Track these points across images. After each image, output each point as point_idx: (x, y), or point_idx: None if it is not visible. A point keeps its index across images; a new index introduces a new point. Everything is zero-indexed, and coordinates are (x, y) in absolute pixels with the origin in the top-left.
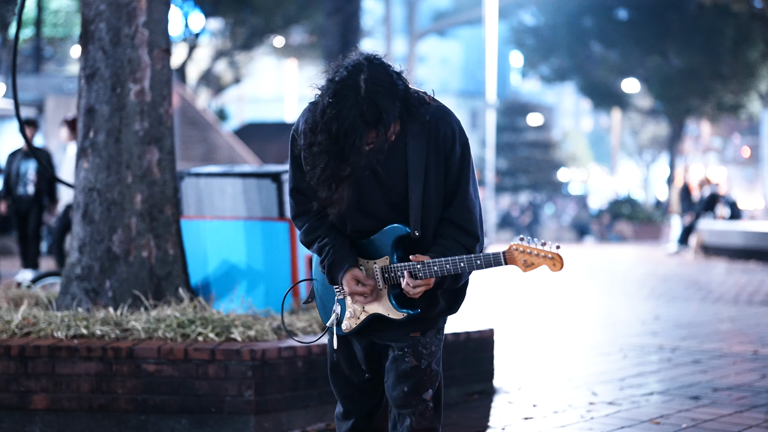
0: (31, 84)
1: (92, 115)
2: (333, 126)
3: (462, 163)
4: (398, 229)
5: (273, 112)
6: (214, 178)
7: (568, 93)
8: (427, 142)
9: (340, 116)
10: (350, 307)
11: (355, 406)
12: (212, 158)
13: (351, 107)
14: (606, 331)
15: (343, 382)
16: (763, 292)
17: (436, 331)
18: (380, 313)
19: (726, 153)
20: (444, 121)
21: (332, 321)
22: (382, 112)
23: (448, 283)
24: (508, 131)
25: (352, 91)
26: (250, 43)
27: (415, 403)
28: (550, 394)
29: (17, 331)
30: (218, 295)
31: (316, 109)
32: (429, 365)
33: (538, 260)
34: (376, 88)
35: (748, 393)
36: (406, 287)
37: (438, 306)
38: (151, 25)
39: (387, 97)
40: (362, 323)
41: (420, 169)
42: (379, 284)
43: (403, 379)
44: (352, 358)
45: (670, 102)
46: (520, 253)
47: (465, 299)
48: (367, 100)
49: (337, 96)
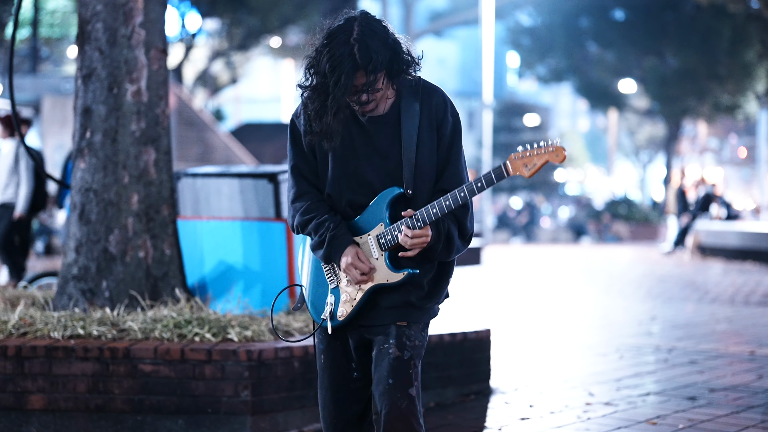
0: (28, 84)
1: (89, 116)
2: (325, 63)
3: (453, 134)
4: (392, 190)
5: (270, 113)
6: (211, 178)
7: (565, 93)
8: (420, 110)
9: (331, 53)
10: (345, 291)
11: (340, 412)
12: (209, 158)
13: (342, 45)
14: (603, 332)
15: (330, 383)
16: (760, 293)
17: (422, 326)
18: (379, 283)
19: (723, 153)
20: (436, 92)
21: (326, 313)
22: (372, 53)
23: (440, 250)
24: (505, 132)
25: (345, 33)
26: (246, 43)
27: (400, 396)
28: (547, 395)
29: (14, 331)
30: (215, 295)
31: (312, 56)
32: (412, 358)
33: (540, 158)
34: (369, 32)
35: (745, 393)
36: (404, 239)
37: (423, 290)
38: (147, 25)
39: (378, 41)
40: (360, 303)
41: (413, 134)
42: (374, 254)
43: (387, 372)
44: (343, 356)
45: (667, 102)
46: (520, 159)
47: (448, 288)
48: (359, 40)
49: (330, 37)
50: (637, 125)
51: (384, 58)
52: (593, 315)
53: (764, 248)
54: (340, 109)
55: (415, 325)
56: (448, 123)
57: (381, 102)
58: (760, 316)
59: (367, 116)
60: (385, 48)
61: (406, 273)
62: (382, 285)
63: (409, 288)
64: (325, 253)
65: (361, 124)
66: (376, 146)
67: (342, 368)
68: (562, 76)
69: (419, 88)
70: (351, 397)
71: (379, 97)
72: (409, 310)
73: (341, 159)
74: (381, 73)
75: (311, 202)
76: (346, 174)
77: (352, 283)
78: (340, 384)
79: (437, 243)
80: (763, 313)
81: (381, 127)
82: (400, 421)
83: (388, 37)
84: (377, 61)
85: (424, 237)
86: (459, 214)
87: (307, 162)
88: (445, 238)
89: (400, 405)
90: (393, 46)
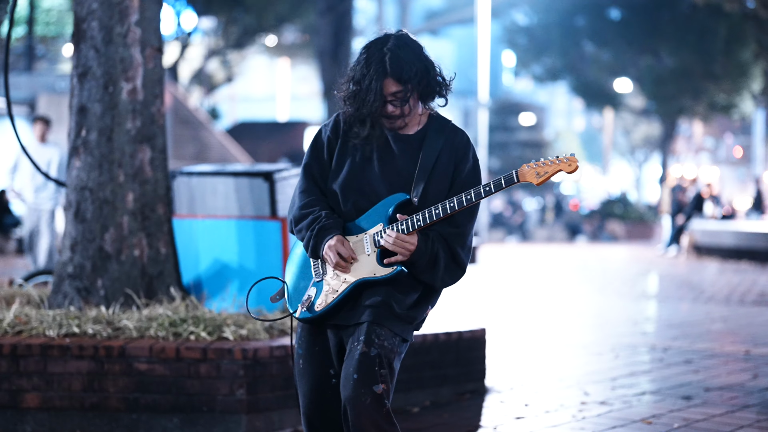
0: (23, 83)
1: (84, 114)
2: (359, 71)
3: (473, 175)
4: (399, 195)
5: (265, 111)
6: (206, 177)
7: (561, 92)
8: (444, 143)
9: (366, 61)
10: (329, 283)
11: (319, 411)
12: (204, 157)
13: (376, 52)
14: (598, 331)
15: (309, 389)
16: (755, 292)
17: (395, 333)
18: (365, 277)
19: (718, 153)
20: (462, 133)
21: (304, 301)
22: (403, 63)
23: (423, 267)
24: (501, 131)
25: (380, 44)
26: (242, 41)
27: (364, 392)
28: (542, 394)
29: (9, 329)
30: (210, 294)
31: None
32: (379, 356)
33: (551, 167)
34: (403, 45)
35: (740, 393)
36: (387, 238)
37: (403, 304)
38: (143, 23)
39: (410, 54)
40: (342, 294)
41: (432, 158)
42: (367, 251)
43: (353, 368)
44: (321, 361)
45: (663, 102)
46: (532, 168)
47: (425, 315)
48: (391, 49)
49: (366, 48)
50: (633, 124)
51: (415, 70)
52: (588, 314)
53: (760, 248)
54: (371, 115)
55: (388, 329)
56: (468, 162)
57: (411, 122)
58: (756, 316)
59: (394, 133)
60: (418, 61)
61: (395, 268)
62: (368, 279)
63: (392, 294)
64: (313, 242)
65: (387, 140)
66: (395, 162)
67: (319, 375)
68: (557, 75)
69: (448, 125)
70: (329, 403)
71: (408, 114)
72: (386, 313)
73: (359, 166)
74: (411, 85)
75: (314, 198)
76: (359, 181)
77: (338, 276)
78: (317, 391)
79: (420, 258)
80: (759, 312)
81: (405, 145)
82: (365, 417)
83: (422, 53)
84: (408, 70)
85: (408, 244)
86: (452, 241)
87: (320, 166)
88: (429, 255)
89: (364, 400)
90: (425, 62)
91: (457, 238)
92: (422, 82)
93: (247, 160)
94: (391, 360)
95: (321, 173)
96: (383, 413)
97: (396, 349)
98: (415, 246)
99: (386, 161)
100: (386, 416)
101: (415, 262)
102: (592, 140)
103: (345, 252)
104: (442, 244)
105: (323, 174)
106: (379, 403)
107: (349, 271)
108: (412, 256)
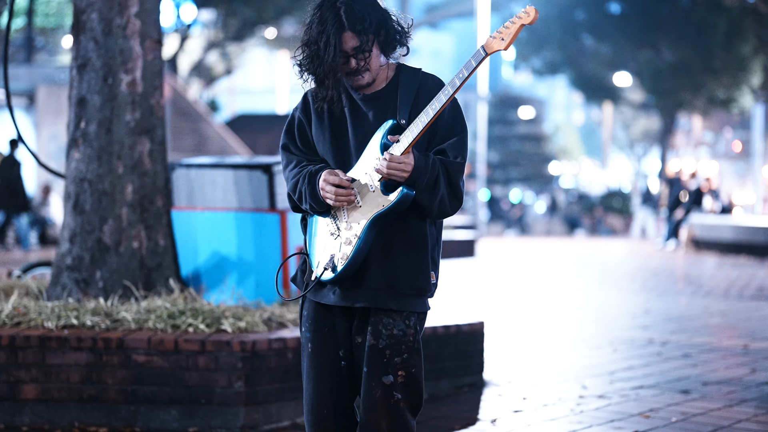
0: (23, 74)
1: (83, 106)
2: (314, 30)
3: (453, 114)
4: (386, 123)
5: (264, 104)
6: (205, 169)
7: (560, 86)
8: (418, 88)
9: (319, 19)
10: (345, 235)
11: (325, 403)
12: (203, 149)
13: (329, 9)
14: (596, 325)
15: (316, 374)
16: (754, 287)
17: (406, 315)
18: (375, 213)
19: (717, 147)
20: (435, 78)
21: (326, 264)
22: (358, 14)
23: (424, 186)
24: (500, 124)
25: (333, 0)
26: (241, 34)
27: (374, 385)
28: (540, 387)
29: (7, 321)
30: (209, 286)
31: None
32: (389, 346)
33: (513, 27)
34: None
35: (738, 387)
36: (381, 162)
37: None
38: (143, 15)
39: (365, 5)
40: (361, 238)
41: (408, 103)
42: (371, 188)
43: (364, 362)
44: (330, 344)
45: (662, 96)
46: (496, 38)
47: (435, 277)
48: (346, 3)
49: (320, 8)
50: (632, 118)
51: (372, 20)
52: (587, 308)
53: (758, 242)
54: (333, 72)
55: (396, 313)
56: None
57: (378, 78)
58: (754, 310)
59: (362, 94)
60: (374, 11)
61: (400, 191)
62: (378, 213)
63: (392, 274)
64: (309, 188)
65: (356, 105)
66: (369, 125)
67: (329, 357)
68: (557, 68)
69: (418, 72)
70: (337, 389)
71: (373, 68)
72: (389, 296)
73: (332, 137)
74: (370, 37)
75: (298, 160)
76: (337, 151)
77: (350, 227)
78: (327, 374)
79: (421, 176)
80: (757, 306)
81: (376, 103)
82: (375, 412)
83: (376, 3)
84: (365, 20)
85: (403, 164)
86: (451, 168)
87: (296, 146)
88: (431, 174)
89: (374, 394)
90: (381, 12)
91: (455, 166)
92: (381, 32)
93: (246, 152)
94: (408, 344)
95: (298, 150)
96: (391, 404)
97: (410, 330)
98: (411, 164)
99: (361, 129)
100: (398, 409)
101: (416, 180)
102: (591, 134)
103: (337, 180)
104: (442, 169)
105: (302, 150)
106: (388, 394)
107: (359, 212)
108: (411, 175)
